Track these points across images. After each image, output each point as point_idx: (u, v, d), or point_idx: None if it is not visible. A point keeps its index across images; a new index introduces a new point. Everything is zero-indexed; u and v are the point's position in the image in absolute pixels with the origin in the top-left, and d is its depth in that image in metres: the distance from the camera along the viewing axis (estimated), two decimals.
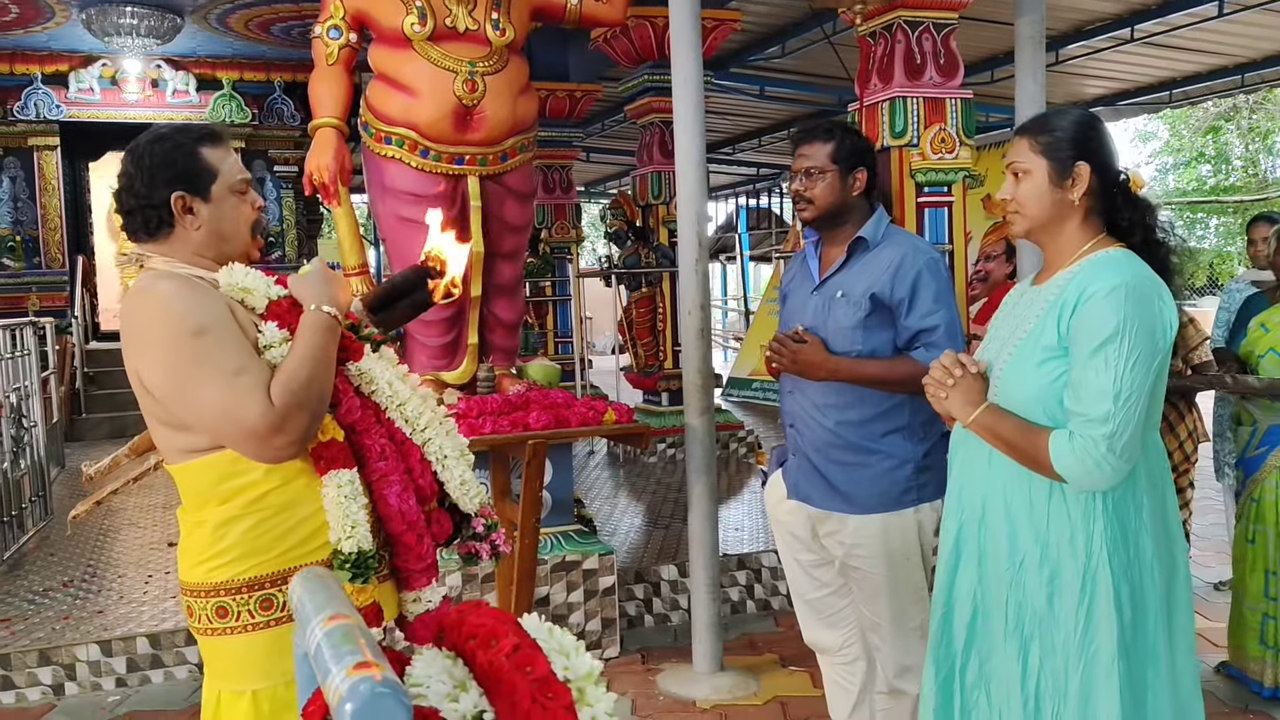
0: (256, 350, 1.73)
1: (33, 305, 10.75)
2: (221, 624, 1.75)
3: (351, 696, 0.82)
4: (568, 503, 4.29)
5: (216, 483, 1.74)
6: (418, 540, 1.82)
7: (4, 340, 5.49)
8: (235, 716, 1.77)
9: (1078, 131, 1.97)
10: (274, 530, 1.75)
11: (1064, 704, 1.88)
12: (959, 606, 2.04)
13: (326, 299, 1.77)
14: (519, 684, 0.95)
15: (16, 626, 4.15)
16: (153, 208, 1.80)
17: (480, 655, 1.00)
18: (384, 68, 4.02)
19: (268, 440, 1.66)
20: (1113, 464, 1.80)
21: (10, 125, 10.89)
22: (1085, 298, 1.86)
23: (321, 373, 1.72)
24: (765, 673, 3.95)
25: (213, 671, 1.82)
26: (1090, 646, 1.85)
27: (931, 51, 4.60)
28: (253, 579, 1.74)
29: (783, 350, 2.70)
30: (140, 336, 1.73)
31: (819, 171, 2.71)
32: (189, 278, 1.77)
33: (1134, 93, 10.77)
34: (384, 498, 1.79)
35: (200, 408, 1.68)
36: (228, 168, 1.85)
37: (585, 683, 1.00)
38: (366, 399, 1.84)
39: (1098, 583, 1.85)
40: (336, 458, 1.75)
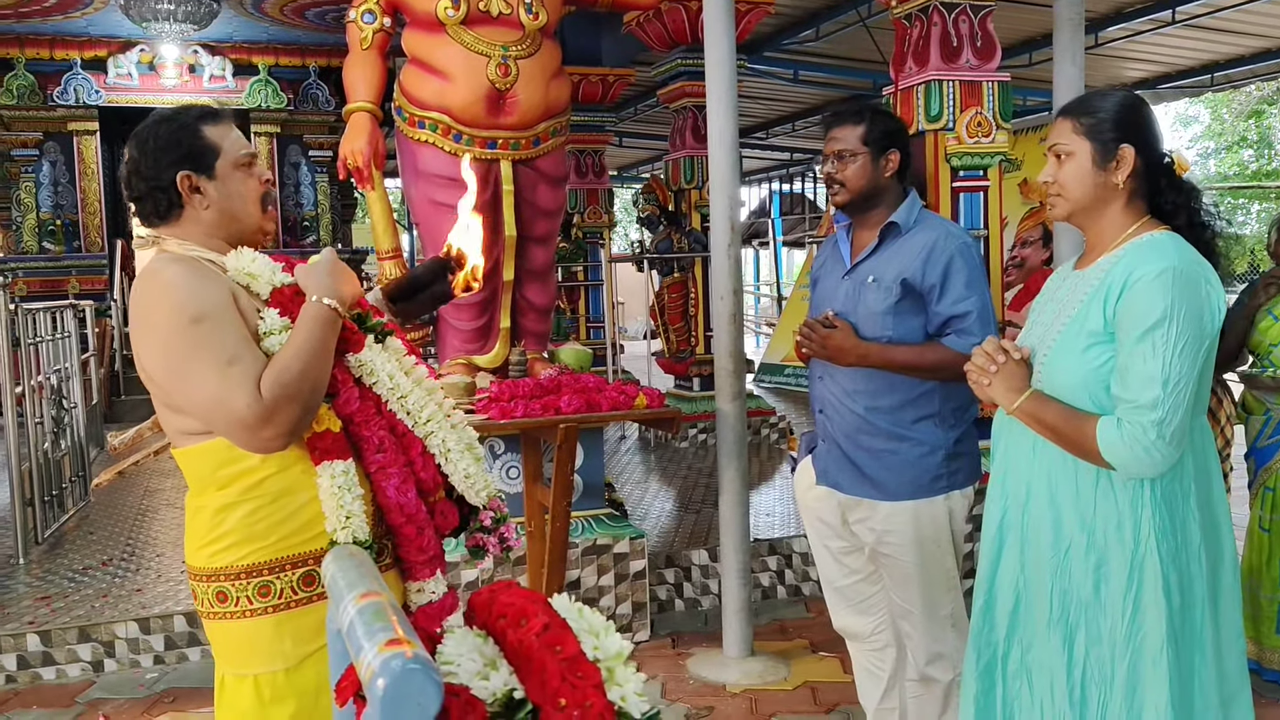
0: (257, 337, 1.74)
1: (72, 288, 10.90)
2: (222, 609, 1.77)
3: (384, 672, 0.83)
4: (599, 487, 4.30)
5: (215, 468, 1.76)
6: (418, 533, 1.81)
7: (45, 323, 5.57)
8: (239, 700, 1.79)
9: (1122, 113, 1.93)
10: (271, 517, 1.75)
11: (1110, 692, 1.86)
12: (1001, 595, 2.02)
13: (328, 291, 1.77)
14: (549, 663, 0.96)
15: (57, 604, 4.23)
16: (161, 190, 1.81)
17: (510, 634, 1.01)
18: (417, 52, 4.03)
19: (256, 431, 1.67)
20: (1162, 450, 1.78)
21: (50, 110, 11.03)
22: (1132, 282, 1.82)
23: (315, 365, 1.72)
24: (795, 658, 3.95)
25: (217, 654, 1.85)
26: (1138, 634, 1.83)
27: (968, 34, 4.55)
28: (250, 565, 1.75)
29: (813, 335, 2.68)
30: (142, 320, 1.75)
31: (850, 154, 2.68)
32: (197, 262, 1.78)
33: (1175, 76, 10.59)
34: (382, 489, 1.78)
35: (193, 395, 1.70)
36: (230, 144, 1.85)
37: (614, 662, 1.01)
38: (367, 390, 1.83)
39: (1145, 570, 1.83)
40: (331, 448, 1.75)
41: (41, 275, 10.85)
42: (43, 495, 5.15)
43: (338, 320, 1.78)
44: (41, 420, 5.29)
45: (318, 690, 1.74)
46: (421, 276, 2.07)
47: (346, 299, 1.79)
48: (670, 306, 7.68)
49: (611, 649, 1.01)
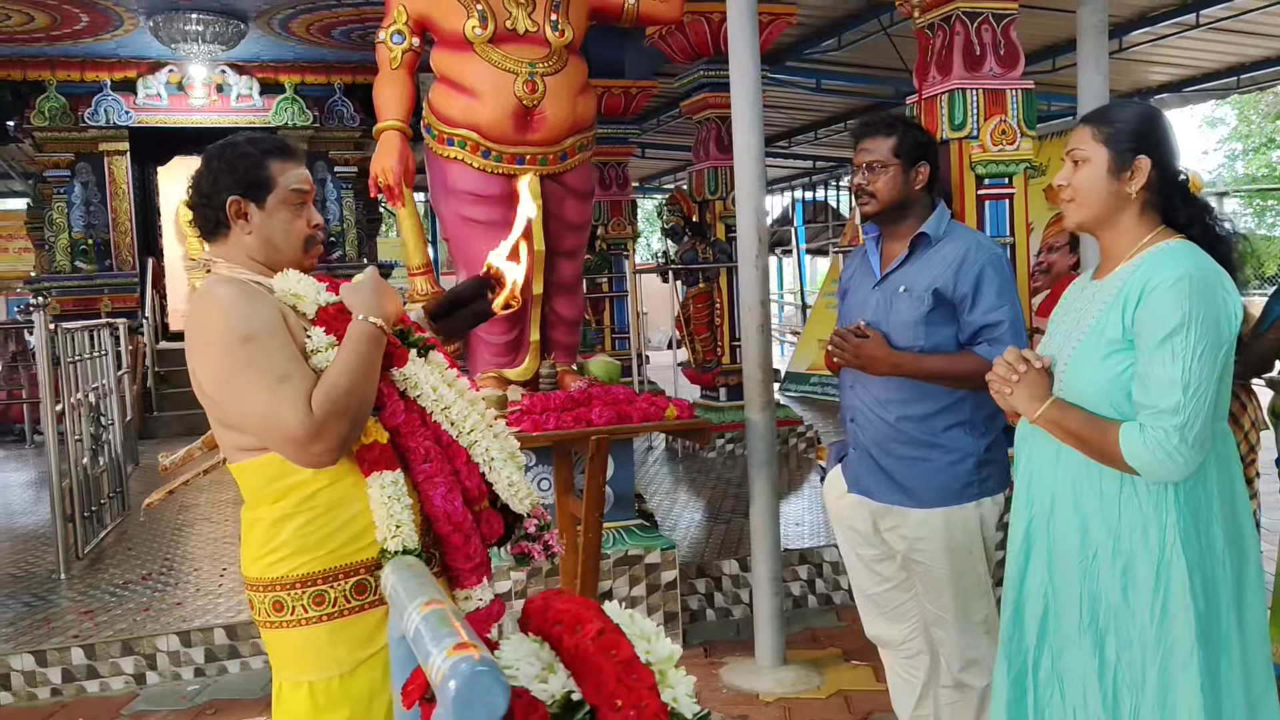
0: (305, 355, 1.80)
1: (105, 306, 11.06)
2: (278, 617, 1.82)
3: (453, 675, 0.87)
4: (629, 498, 4.34)
5: (269, 481, 1.81)
6: (465, 540, 1.86)
7: (84, 341, 5.67)
8: (295, 705, 1.84)
9: (1140, 124, 1.96)
10: (324, 528, 1.81)
11: (1142, 696, 1.87)
12: (1030, 603, 2.04)
13: (373, 309, 1.83)
14: (605, 666, 1.00)
15: (100, 618, 4.30)
16: (211, 208, 1.89)
17: (566, 639, 1.05)
18: (446, 70, 4.09)
19: (306, 446, 1.73)
20: (1185, 454, 1.80)
21: (82, 131, 11.21)
22: (1149, 289, 1.85)
23: (363, 382, 1.78)
24: (828, 666, 3.96)
25: (274, 662, 1.90)
26: (1167, 638, 1.85)
27: (991, 42, 4.57)
28: (305, 575, 1.80)
29: (844, 345, 2.71)
30: (197, 339, 1.82)
31: (881, 165, 2.71)
32: (246, 284, 1.85)
33: (1200, 79, 10.54)
34: (429, 498, 1.83)
35: (246, 412, 1.76)
36: (285, 180, 1.92)
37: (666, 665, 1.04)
38: (411, 403, 1.89)
39: (1172, 574, 1.85)
40: (379, 460, 1.81)
41: (74, 294, 11.01)
42: (83, 511, 5.24)
43: (383, 337, 1.83)
44: (81, 437, 5.38)
45: (370, 696, 1.79)
46: (462, 294, 2.12)
47: (390, 316, 1.85)
48: (695, 317, 7.71)
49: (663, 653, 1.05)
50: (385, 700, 1.81)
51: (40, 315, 4.91)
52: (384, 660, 1.80)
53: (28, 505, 7.14)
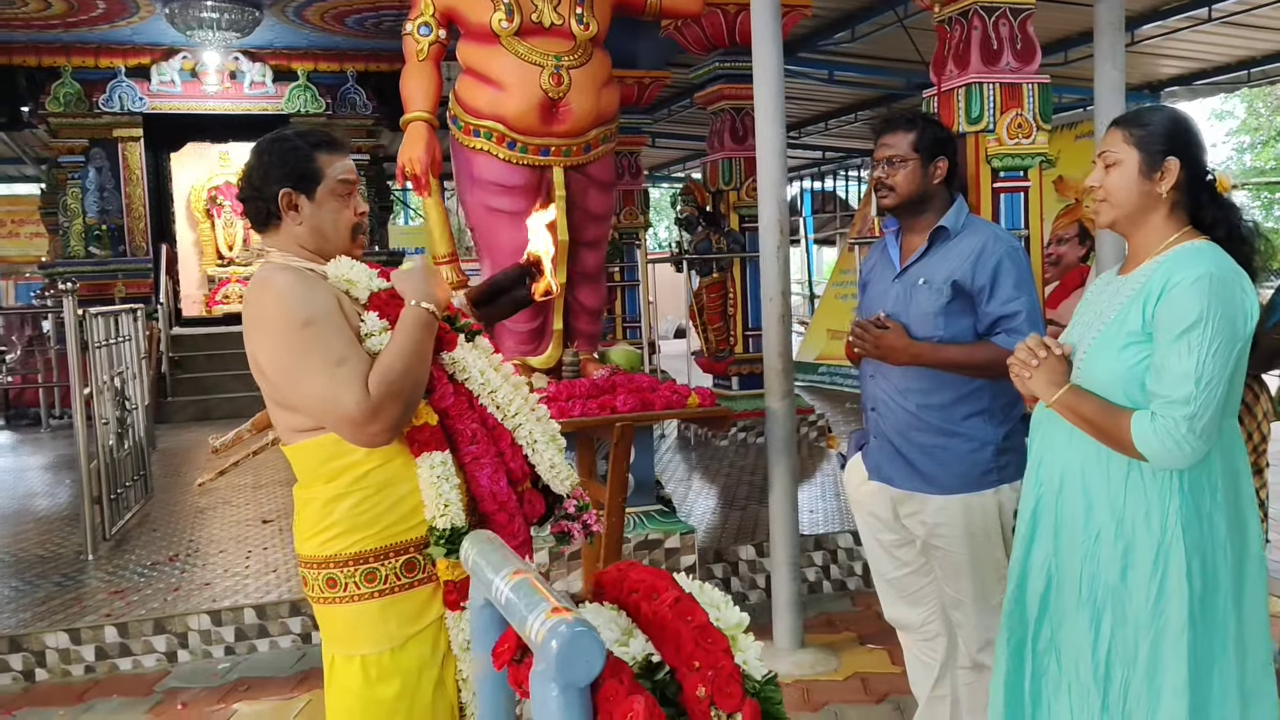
0: (359, 338, 1.87)
1: (118, 292, 11.17)
2: (331, 594, 1.91)
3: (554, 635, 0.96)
4: (649, 484, 4.42)
5: (324, 461, 1.89)
6: (509, 519, 1.94)
7: (108, 327, 5.76)
8: (347, 678, 1.92)
9: (1171, 127, 2.04)
10: (376, 507, 1.88)
11: (1133, 670, 1.97)
12: (1033, 577, 2.14)
13: (426, 296, 1.91)
14: (683, 631, 1.08)
15: (131, 597, 4.40)
16: (262, 200, 1.96)
17: (644, 606, 1.13)
18: (472, 62, 4.16)
19: (363, 427, 1.80)
20: (1192, 444, 1.88)
21: (96, 117, 11.29)
22: (1170, 286, 1.93)
23: (416, 365, 1.85)
24: (844, 650, 4.05)
25: (327, 637, 1.98)
26: (1161, 617, 1.94)
27: (1008, 37, 4.62)
28: (357, 553, 1.88)
29: (865, 336, 2.78)
30: (257, 324, 1.89)
31: (901, 160, 2.78)
32: (302, 270, 1.92)
33: (1211, 72, 10.57)
34: (475, 479, 1.91)
35: (304, 393, 1.83)
36: (333, 171, 1.98)
37: (735, 631, 1.13)
38: (460, 386, 1.97)
39: (1171, 556, 1.93)
40: (429, 441, 1.89)
41: (88, 279, 11.09)
42: (109, 493, 5.34)
43: (435, 322, 1.91)
44: (107, 420, 5.47)
45: (420, 669, 1.88)
46: (503, 282, 2.20)
47: (441, 303, 1.93)
48: (709, 307, 7.78)
49: (732, 619, 1.13)
50: (434, 674, 1.89)
51: (69, 300, 4.99)
52: (432, 635, 1.90)
53: (47, 488, 7.24)
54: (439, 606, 1.92)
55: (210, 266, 13.12)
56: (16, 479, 7.65)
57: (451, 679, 1.93)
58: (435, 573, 1.91)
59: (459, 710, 1.94)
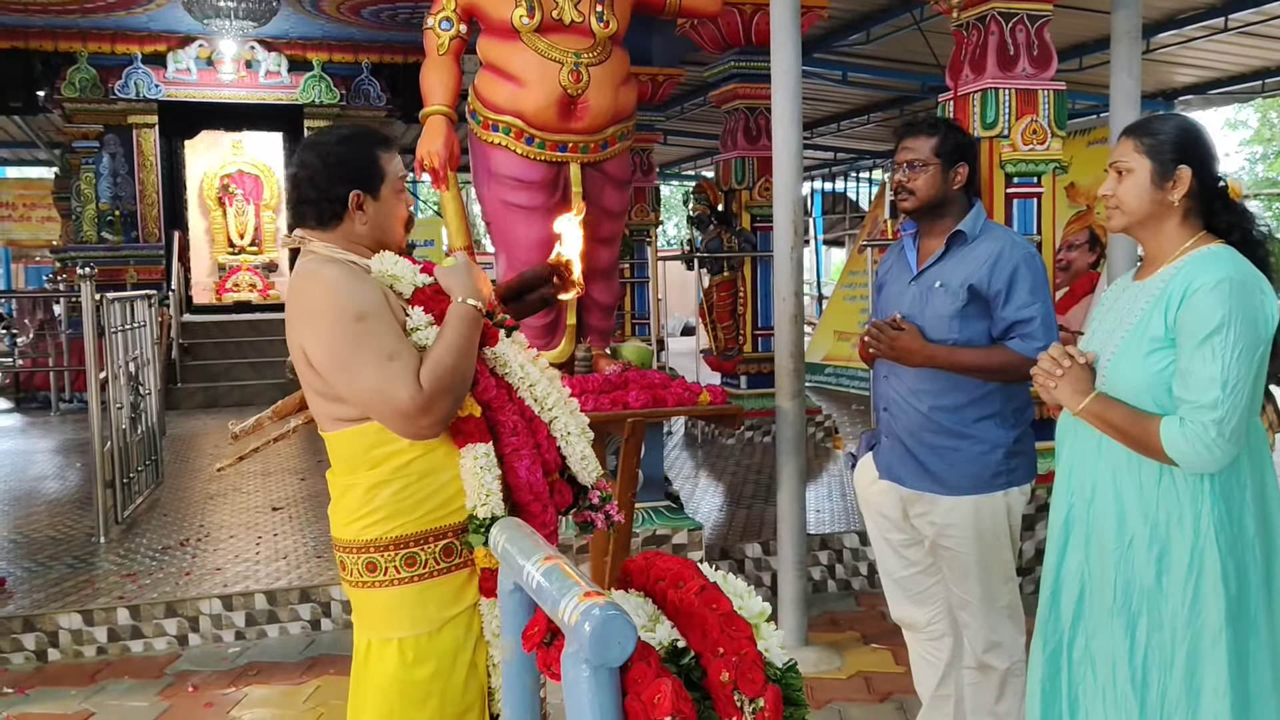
0: (405, 333, 1.91)
1: (130, 278, 11.22)
2: (370, 578, 1.94)
3: (587, 618, 0.99)
4: (658, 480, 4.45)
5: (367, 449, 1.92)
6: (542, 509, 1.99)
7: (124, 312, 5.80)
8: (383, 662, 1.96)
9: (1182, 136, 2.07)
10: (418, 494, 1.92)
11: (1170, 675, 1.99)
12: (1067, 585, 2.15)
13: (472, 293, 1.95)
14: (709, 618, 1.11)
15: (142, 580, 4.45)
16: (329, 201, 1.98)
17: (671, 594, 1.16)
18: (492, 58, 4.18)
19: (415, 420, 1.84)
20: (1222, 447, 1.91)
21: (111, 104, 11.33)
22: (1191, 291, 1.96)
23: (465, 360, 1.90)
24: (848, 649, 4.08)
25: (362, 621, 2.02)
26: (1197, 620, 1.96)
27: (1025, 43, 4.65)
28: (398, 538, 1.92)
29: (881, 337, 2.81)
30: (307, 316, 1.91)
31: (922, 164, 2.81)
32: (348, 264, 1.95)
33: (1226, 81, 10.58)
34: (514, 469, 1.95)
35: (357, 386, 1.86)
36: (393, 169, 2.04)
37: (758, 620, 1.16)
38: (500, 379, 2.01)
39: (1205, 559, 1.96)
40: (474, 432, 1.93)
41: (101, 265, 11.04)
42: (121, 478, 5.38)
43: (481, 318, 1.95)
44: (121, 405, 5.51)
45: (455, 652, 1.92)
46: (531, 280, 2.24)
47: (486, 299, 1.97)
48: (719, 305, 7.81)
49: (754, 609, 1.17)
50: (467, 657, 1.93)
51: (87, 286, 5.04)
52: (466, 619, 1.94)
53: (58, 471, 7.30)
54: (474, 592, 1.96)
55: (221, 254, 13.16)
56: (27, 461, 7.71)
57: (483, 663, 1.97)
58: (471, 558, 1.95)
59: (489, 693, 1.97)
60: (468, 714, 1.95)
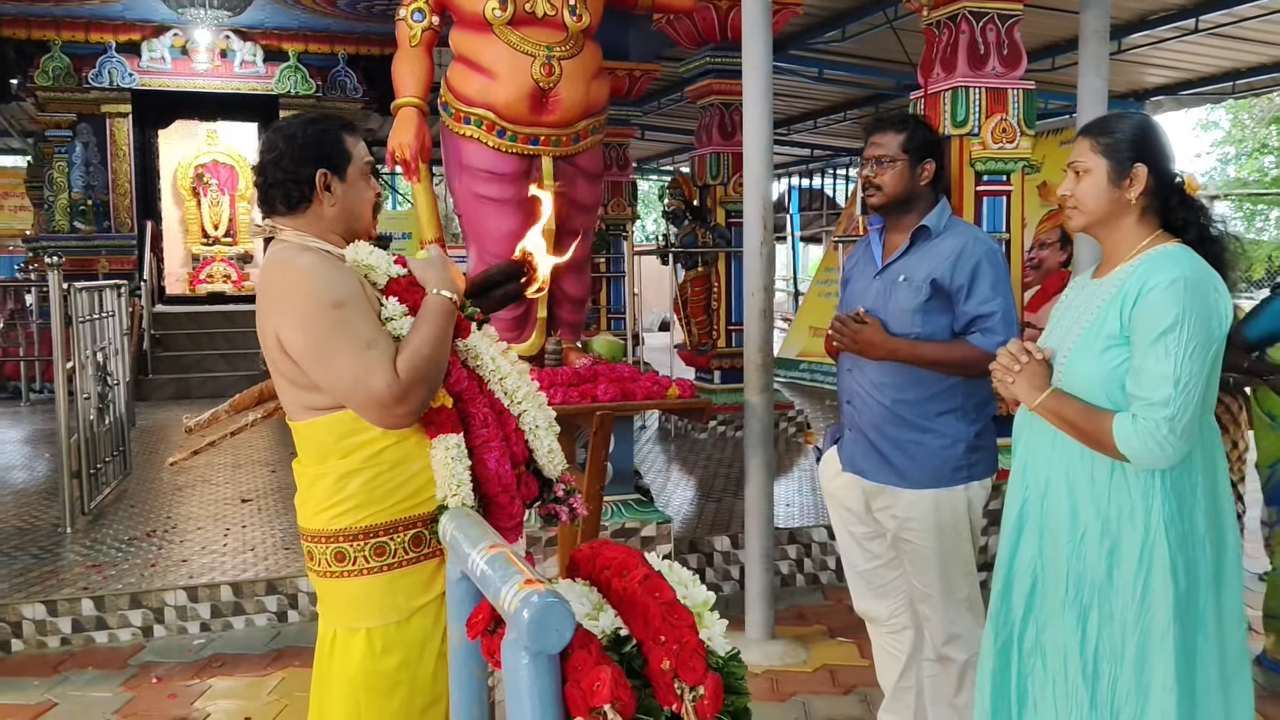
0: (380, 322, 1.91)
1: (102, 268, 11.12)
2: (339, 567, 1.94)
3: (526, 606, 1.00)
4: (628, 473, 4.46)
5: (339, 439, 1.92)
6: (510, 501, 2.00)
7: (92, 302, 5.75)
8: (350, 652, 1.95)
9: (1137, 135, 2.09)
10: (389, 483, 1.92)
11: (1120, 667, 2.01)
12: (1019, 578, 2.18)
13: (448, 285, 1.96)
14: (651, 606, 1.12)
15: (108, 571, 4.42)
16: (296, 182, 1.98)
17: (615, 583, 1.17)
18: (464, 50, 4.18)
19: (391, 409, 1.85)
20: (1174, 444, 1.94)
21: (85, 92, 11.23)
22: (1146, 290, 1.98)
23: (440, 351, 1.90)
24: (814, 642, 4.11)
25: (329, 611, 2.01)
26: (1147, 614, 1.99)
27: (995, 42, 4.68)
28: (368, 527, 1.92)
29: (844, 330, 2.84)
30: (282, 304, 1.90)
31: (889, 160, 2.83)
32: (323, 252, 1.95)
33: (1197, 83, 10.66)
34: (484, 461, 1.96)
35: (334, 374, 1.86)
36: (359, 153, 2.05)
37: (702, 609, 1.17)
38: (472, 371, 2.02)
39: (1155, 555, 1.98)
40: (445, 423, 1.94)
41: (72, 254, 11.03)
42: (88, 468, 5.34)
43: (455, 310, 1.96)
44: (89, 395, 5.47)
45: (423, 641, 1.93)
46: (496, 276, 2.24)
47: (459, 291, 1.98)
48: (693, 300, 7.83)
49: (699, 597, 1.18)
50: (435, 646, 1.94)
51: (54, 275, 5.00)
52: (436, 609, 1.94)
53: (26, 461, 7.24)
54: (443, 581, 1.95)
55: (195, 245, 13.06)
56: None
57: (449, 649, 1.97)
58: (440, 548, 1.94)
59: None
60: (436, 704, 1.95)
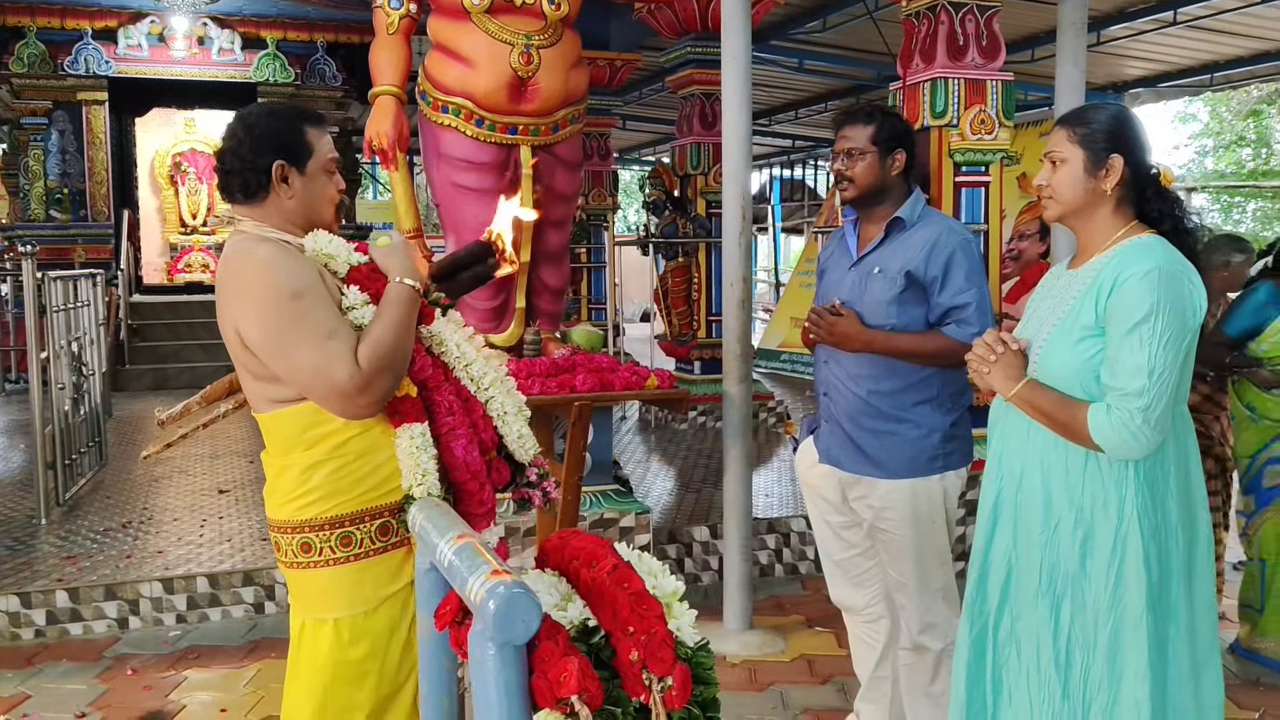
0: (339, 310, 1.89)
1: (78, 257, 11.02)
2: (306, 558, 1.93)
3: (492, 596, 1.00)
4: (607, 463, 4.46)
5: (303, 430, 1.91)
6: (480, 488, 1.99)
7: (67, 291, 5.69)
8: (318, 643, 1.95)
9: (1113, 125, 2.10)
10: (354, 474, 1.91)
11: (1093, 656, 2.03)
12: (994, 568, 2.19)
13: (410, 273, 1.94)
14: (619, 597, 1.12)
15: (82, 563, 4.39)
16: (253, 172, 1.95)
17: (584, 573, 1.17)
18: (443, 38, 4.15)
19: (353, 399, 1.83)
20: (1147, 434, 1.95)
21: (60, 80, 11.11)
22: (1121, 280, 1.99)
23: (403, 340, 1.89)
24: (792, 632, 4.12)
25: (298, 602, 2.01)
26: (1120, 604, 2.00)
27: (974, 33, 4.69)
28: (334, 517, 1.91)
29: (820, 322, 2.84)
30: (241, 295, 1.88)
31: (860, 152, 2.83)
32: (281, 242, 1.93)
33: (1175, 75, 10.72)
34: (450, 449, 1.95)
35: (294, 365, 1.84)
36: (323, 148, 2.01)
37: (671, 599, 1.17)
38: (436, 359, 2.01)
39: (1128, 544, 2.00)
40: (410, 412, 1.92)
41: (48, 243, 10.92)
42: (63, 459, 5.30)
43: (418, 298, 1.94)
44: (64, 386, 5.42)
45: (390, 631, 1.93)
46: (463, 259, 2.23)
47: (422, 278, 1.96)
48: (673, 290, 7.82)
49: (668, 588, 1.18)
50: (402, 636, 1.93)
51: (28, 264, 4.95)
52: (404, 598, 1.94)
53: (0, 452, 7.17)
54: (411, 571, 1.94)
55: (173, 234, 12.97)
56: None
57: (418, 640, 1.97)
58: (408, 537, 1.94)
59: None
60: (402, 691, 1.96)
